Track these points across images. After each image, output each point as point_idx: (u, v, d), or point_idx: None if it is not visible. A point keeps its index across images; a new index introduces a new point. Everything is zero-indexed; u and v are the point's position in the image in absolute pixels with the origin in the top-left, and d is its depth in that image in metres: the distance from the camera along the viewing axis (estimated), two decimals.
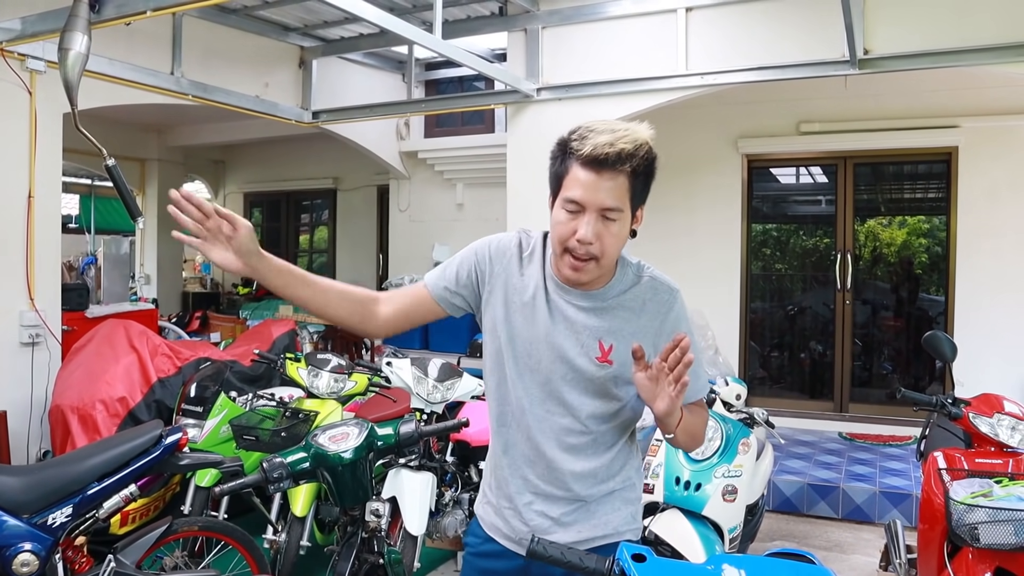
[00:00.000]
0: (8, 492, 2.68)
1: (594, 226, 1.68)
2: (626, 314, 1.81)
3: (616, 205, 1.69)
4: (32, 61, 4.78)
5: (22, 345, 4.84)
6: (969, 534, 2.50)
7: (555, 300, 1.81)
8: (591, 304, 1.80)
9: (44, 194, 4.94)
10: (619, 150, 1.66)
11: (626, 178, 1.69)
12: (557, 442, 1.81)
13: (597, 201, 1.68)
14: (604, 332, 1.79)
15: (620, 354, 1.77)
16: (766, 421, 3.95)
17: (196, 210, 1.62)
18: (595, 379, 1.79)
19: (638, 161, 1.69)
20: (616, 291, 1.82)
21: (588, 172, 1.67)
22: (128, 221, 10.45)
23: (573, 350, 1.79)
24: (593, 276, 1.75)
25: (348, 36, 6.99)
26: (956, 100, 6.59)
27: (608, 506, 1.86)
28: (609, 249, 1.72)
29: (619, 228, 1.73)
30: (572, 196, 1.69)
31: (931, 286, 7.24)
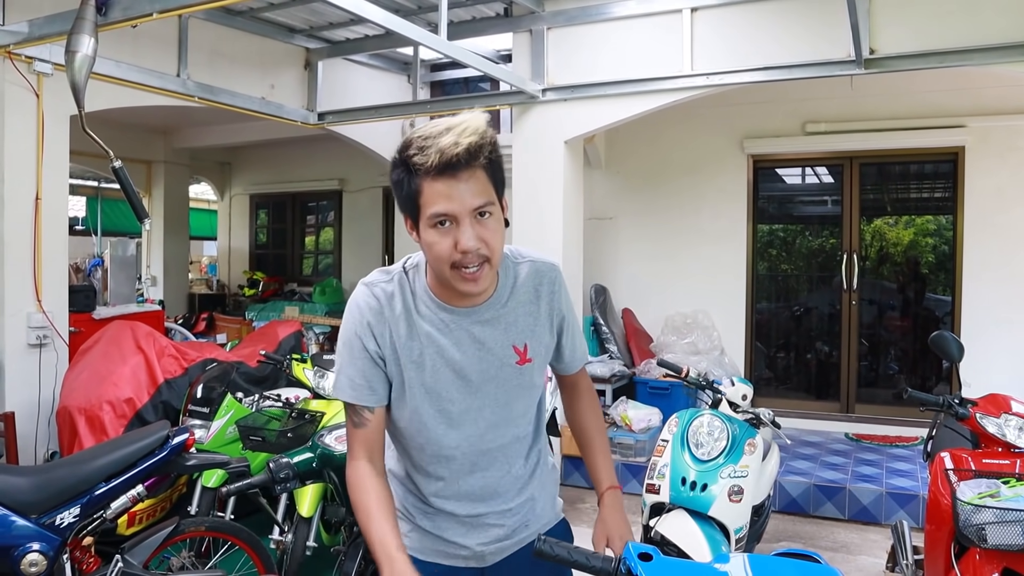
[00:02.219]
0: (16, 492, 2.70)
1: (472, 230, 1.57)
2: (525, 308, 1.78)
3: (485, 200, 1.58)
4: (39, 64, 4.79)
5: (30, 346, 4.86)
6: (976, 535, 2.49)
7: (454, 330, 1.71)
8: (490, 315, 1.73)
9: (51, 196, 4.95)
10: (467, 146, 1.55)
11: (483, 171, 1.58)
12: (506, 456, 1.85)
13: (466, 205, 1.56)
14: (514, 336, 1.76)
15: (534, 348, 1.79)
16: (772, 421, 3.94)
17: None
18: (523, 381, 1.80)
19: (488, 149, 1.59)
20: (506, 293, 1.76)
21: (444, 181, 1.55)
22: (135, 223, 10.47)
23: (493, 367, 1.74)
24: (490, 281, 1.69)
25: (354, 38, 7.00)
26: (963, 100, 6.58)
27: (545, 493, 1.98)
28: (496, 246, 1.62)
29: (496, 222, 1.62)
30: (438, 211, 1.56)
31: (938, 286, 7.22)
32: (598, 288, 7.62)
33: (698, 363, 6.70)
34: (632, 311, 7.80)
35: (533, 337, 1.78)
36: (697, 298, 7.49)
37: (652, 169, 7.79)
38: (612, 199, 7.91)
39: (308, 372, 4.52)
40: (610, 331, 7.37)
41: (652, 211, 7.79)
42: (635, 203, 7.87)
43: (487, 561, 1.89)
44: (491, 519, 1.86)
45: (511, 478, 1.86)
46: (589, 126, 6.23)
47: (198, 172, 11.61)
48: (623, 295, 7.88)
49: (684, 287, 7.57)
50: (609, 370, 6.85)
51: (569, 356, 1.93)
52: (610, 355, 7.25)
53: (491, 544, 1.87)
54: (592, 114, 6.14)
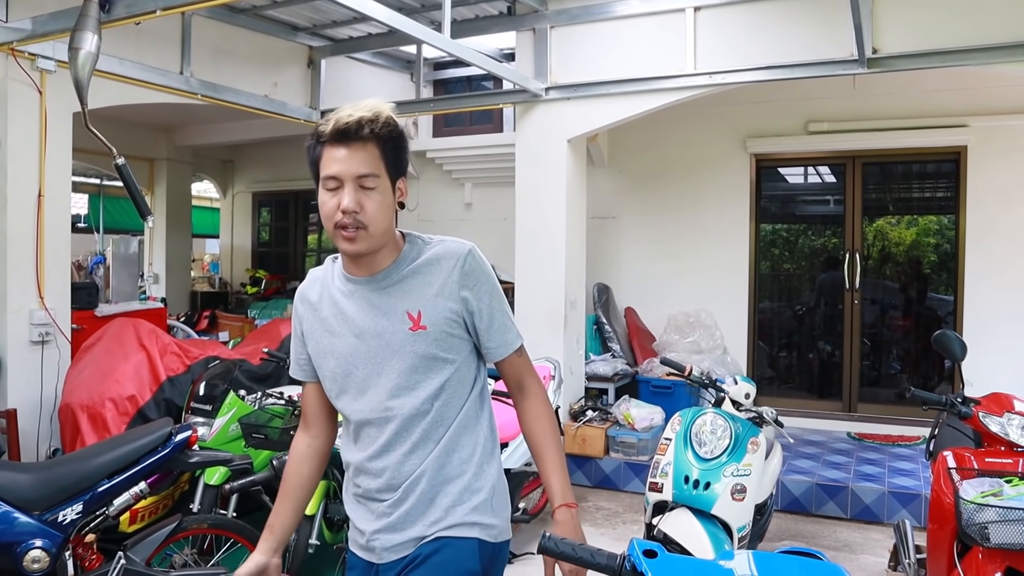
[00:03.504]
0: (19, 489, 2.70)
1: (354, 195, 1.73)
2: (423, 278, 1.83)
3: (370, 171, 1.74)
4: (43, 61, 4.80)
5: (32, 343, 4.86)
6: (979, 534, 2.49)
7: (356, 297, 1.85)
8: (387, 283, 1.83)
9: (54, 193, 4.96)
10: (359, 118, 1.73)
11: (375, 146, 1.75)
12: (408, 432, 1.82)
13: (351, 171, 1.73)
14: (409, 303, 1.81)
15: (429, 317, 1.80)
16: (775, 420, 3.94)
17: None
18: (419, 349, 1.80)
19: (380, 126, 1.75)
20: (406, 261, 1.85)
21: (338, 147, 1.74)
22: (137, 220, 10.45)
23: (388, 332, 1.81)
24: (368, 246, 1.77)
25: (357, 36, 7.00)
26: (965, 99, 6.57)
27: (452, 499, 1.84)
28: (375, 216, 1.75)
29: (381, 196, 1.76)
30: (328, 172, 1.75)
31: (940, 285, 7.22)
32: (601, 287, 7.62)
33: (701, 362, 6.70)
34: (635, 310, 7.80)
35: (428, 305, 1.80)
36: (700, 297, 7.48)
37: (655, 168, 7.79)
38: (615, 198, 7.91)
39: None
40: (613, 330, 7.37)
41: (655, 210, 7.79)
42: (638, 202, 7.87)
43: (378, 556, 1.86)
44: (382, 497, 1.85)
45: (411, 460, 1.82)
46: (592, 125, 6.23)
47: (201, 170, 11.61)
48: (626, 294, 7.88)
49: (687, 286, 7.56)
50: (612, 369, 6.84)
51: (487, 339, 1.87)
52: (613, 354, 7.25)
53: (380, 534, 1.84)
54: (595, 113, 6.14)
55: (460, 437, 1.85)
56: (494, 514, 1.87)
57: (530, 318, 6.03)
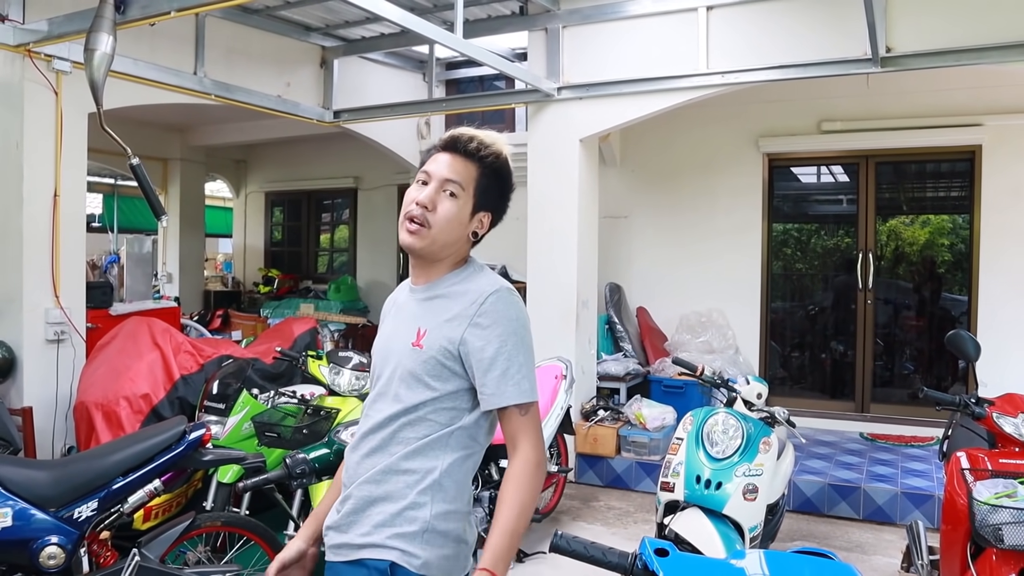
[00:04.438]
0: (35, 486, 2.73)
1: (433, 194, 1.81)
2: (447, 302, 1.83)
3: (457, 179, 1.81)
4: (58, 62, 4.83)
5: (47, 342, 4.90)
6: (993, 535, 2.48)
7: (406, 302, 1.93)
8: (424, 296, 1.88)
9: (69, 193, 5.00)
10: (473, 136, 1.84)
11: (475, 167, 1.83)
12: (377, 435, 1.83)
13: (441, 172, 1.82)
14: (421, 318, 1.84)
15: (430, 338, 1.79)
16: (787, 420, 3.93)
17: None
18: (413, 366, 1.80)
19: (490, 155, 1.84)
20: (448, 283, 1.87)
21: (444, 153, 1.84)
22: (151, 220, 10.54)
23: (399, 339, 1.86)
24: (422, 245, 1.81)
25: (369, 36, 7.02)
26: (980, 98, 6.53)
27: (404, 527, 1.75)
28: (442, 220, 1.80)
29: (455, 207, 1.81)
30: (425, 168, 1.85)
31: (954, 285, 7.17)
32: (613, 286, 7.62)
33: (713, 362, 6.69)
34: (647, 309, 7.79)
35: (433, 328, 1.80)
36: (712, 297, 7.47)
37: (667, 167, 7.78)
38: (627, 197, 7.90)
39: (323, 369, 4.54)
40: (624, 329, 7.36)
41: (667, 209, 7.78)
42: (650, 201, 7.86)
43: (330, 553, 1.85)
44: (344, 494, 1.86)
45: (364, 464, 1.82)
46: (604, 124, 6.23)
47: (214, 170, 11.67)
48: (638, 293, 7.87)
49: (699, 285, 7.55)
50: (624, 368, 6.84)
51: (482, 384, 1.76)
52: (624, 353, 7.24)
53: (328, 530, 1.86)
54: (607, 112, 6.14)
55: (411, 460, 1.77)
56: (415, 543, 1.74)
57: (542, 318, 6.03)
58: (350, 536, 1.79)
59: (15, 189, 4.78)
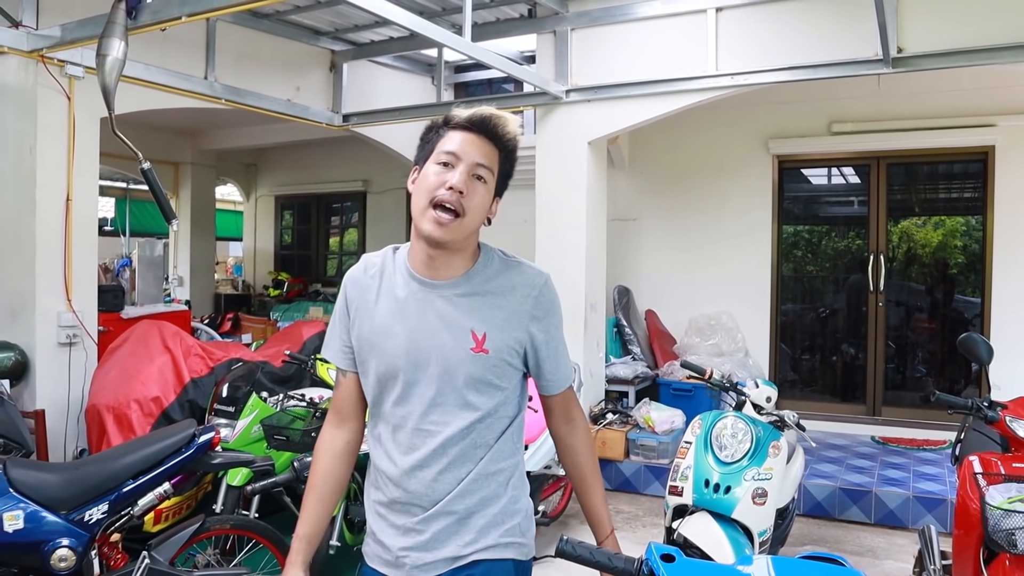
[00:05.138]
0: (47, 489, 2.74)
1: (465, 178, 1.67)
2: (495, 299, 1.74)
3: (488, 164, 1.71)
4: (71, 67, 4.87)
5: (60, 345, 4.94)
6: (1006, 540, 2.46)
7: (420, 300, 1.75)
8: (456, 293, 1.74)
9: (81, 197, 5.03)
10: (500, 117, 1.73)
11: (498, 152, 1.74)
12: (445, 449, 1.74)
13: (473, 155, 1.69)
14: (475, 322, 1.72)
15: (495, 341, 1.72)
16: (797, 424, 3.91)
17: None
18: (477, 372, 1.72)
19: (510, 140, 1.75)
20: (481, 277, 1.76)
21: (467, 132, 1.71)
22: (162, 224, 10.61)
23: (447, 346, 1.72)
24: (454, 237, 1.68)
25: (378, 39, 7.04)
26: (992, 98, 6.48)
27: (489, 521, 1.77)
28: (473, 210, 1.69)
29: (484, 194, 1.72)
30: (451, 148, 1.69)
31: (967, 287, 7.12)
32: (621, 289, 7.60)
33: (722, 365, 6.67)
34: (655, 312, 7.77)
35: (495, 330, 1.72)
36: (721, 299, 7.44)
37: (676, 170, 7.76)
38: (635, 200, 7.88)
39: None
40: (633, 332, 7.34)
41: (676, 212, 7.76)
42: (659, 204, 7.84)
43: (407, 573, 1.76)
44: (412, 512, 1.75)
45: (446, 478, 1.74)
46: (613, 127, 6.22)
47: (224, 173, 11.73)
48: (646, 296, 7.85)
49: (708, 288, 7.52)
50: (632, 371, 6.82)
51: (550, 372, 1.83)
52: (633, 356, 7.23)
53: (411, 551, 1.75)
54: (616, 115, 6.13)
55: (498, 462, 1.78)
56: (523, 535, 1.82)
57: None
58: (449, 550, 1.74)
59: (28, 193, 4.82)
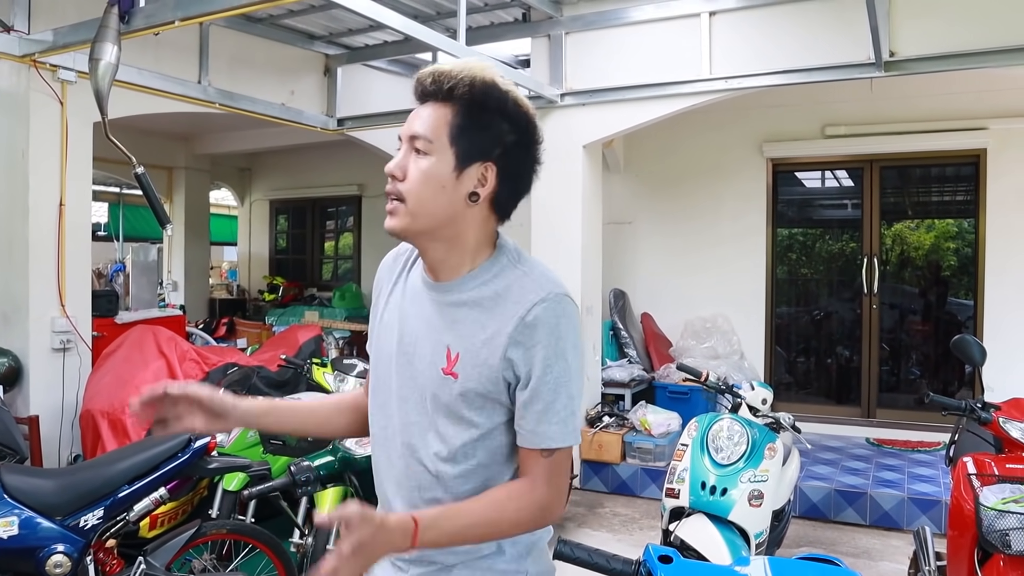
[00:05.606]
0: (42, 494, 2.74)
1: (401, 159, 1.42)
2: (479, 313, 1.42)
3: (424, 133, 1.39)
4: (63, 72, 4.86)
5: (54, 351, 4.92)
6: (1000, 540, 2.47)
7: (421, 299, 1.50)
8: (446, 300, 1.46)
9: (75, 202, 5.01)
10: (435, 70, 1.41)
11: (448, 109, 1.39)
12: (410, 480, 1.48)
13: (407, 129, 1.42)
14: (452, 336, 1.43)
15: (465, 365, 1.40)
16: (792, 426, 3.92)
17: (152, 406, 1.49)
18: (445, 397, 1.42)
19: (460, 86, 1.38)
20: (475, 282, 1.45)
21: (416, 105, 1.45)
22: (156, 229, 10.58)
23: (421, 358, 1.46)
24: (405, 226, 1.41)
25: (373, 44, 7.05)
26: (984, 102, 6.52)
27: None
28: (415, 188, 1.39)
29: (428, 165, 1.39)
30: (399, 133, 1.46)
31: (960, 290, 7.15)
32: (617, 292, 7.61)
33: (717, 367, 6.67)
34: (651, 315, 7.78)
35: (469, 352, 1.40)
36: (716, 302, 7.45)
37: (671, 173, 7.78)
38: (631, 203, 7.90)
39: (328, 376, 4.54)
40: (629, 335, 7.35)
41: (671, 215, 7.77)
42: (654, 207, 7.86)
43: None
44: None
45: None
46: (608, 130, 6.23)
47: (219, 178, 11.71)
48: (642, 299, 7.86)
49: (703, 291, 7.54)
50: (628, 374, 6.83)
51: (519, 415, 1.41)
52: (629, 359, 7.23)
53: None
54: (610, 118, 6.14)
55: None
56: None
57: None
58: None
59: (21, 198, 4.80)
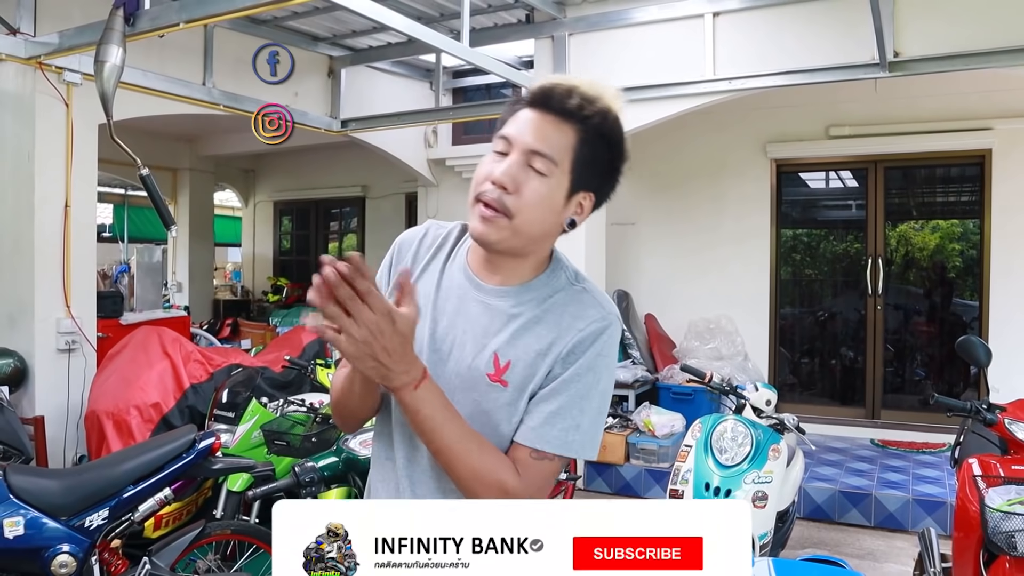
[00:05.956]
0: (47, 495, 2.74)
1: (515, 170, 1.32)
2: (539, 328, 1.38)
3: (547, 152, 1.32)
4: (69, 74, 4.87)
5: (59, 352, 4.93)
6: (1006, 542, 2.46)
7: (464, 297, 1.42)
8: (499, 303, 1.40)
9: (80, 204, 5.03)
10: (573, 87, 1.36)
11: (573, 132, 1.34)
12: (437, 488, 1.39)
13: (526, 140, 1.33)
14: (503, 343, 1.37)
15: (516, 375, 1.36)
16: (797, 427, 3.92)
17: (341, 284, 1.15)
18: (487, 403, 1.36)
19: (594, 115, 1.35)
20: (536, 294, 1.41)
21: (531, 110, 1.35)
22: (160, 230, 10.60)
23: (464, 361, 1.37)
24: (501, 240, 1.34)
25: (376, 45, 7.05)
26: (989, 102, 6.50)
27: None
28: (528, 207, 1.32)
29: (545, 188, 1.33)
30: (505, 132, 1.36)
31: (965, 291, 7.14)
32: (620, 293, 7.61)
33: (721, 368, 6.67)
34: (655, 316, 7.78)
35: (522, 362, 1.36)
36: (720, 303, 7.45)
37: (674, 174, 7.77)
38: (634, 204, 7.89)
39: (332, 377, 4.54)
40: (633, 336, 7.35)
41: (674, 216, 7.77)
42: (657, 208, 7.85)
43: None
44: None
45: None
46: None
47: (223, 179, 11.73)
48: (645, 300, 7.86)
49: (707, 292, 7.53)
50: (632, 375, 6.83)
51: (528, 416, 1.36)
52: (633, 360, 7.23)
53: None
54: None
55: None
56: None
57: None
58: None
59: (26, 200, 4.82)
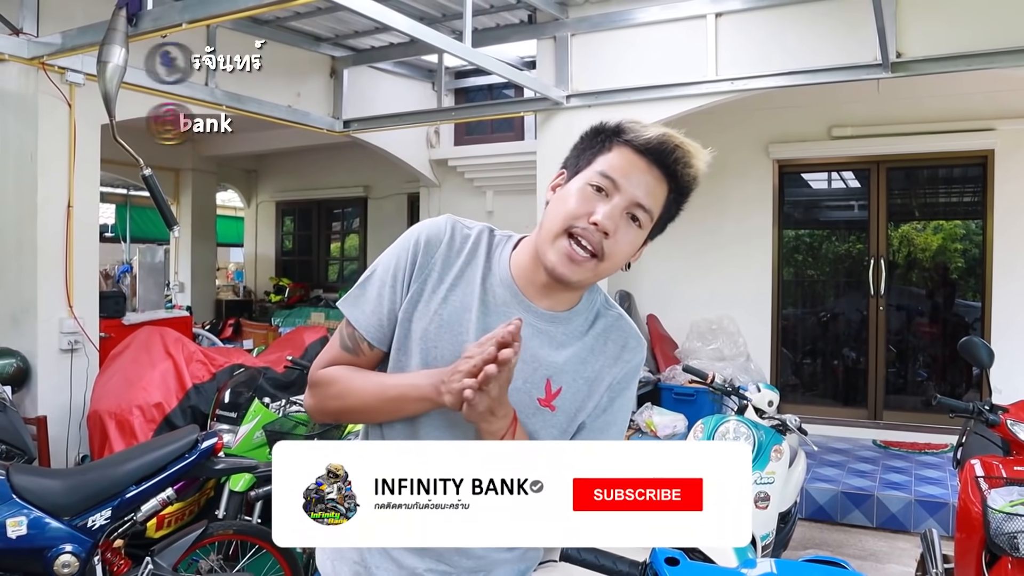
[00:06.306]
0: (50, 495, 2.75)
1: (617, 215, 1.35)
2: (585, 353, 1.43)
3: (650, 209, 1.38)
4: (71, 74, 4.88)
5: (61, 352, 4.94)
6: (1008, 543, 2.46)
7: (508, 313, 1.40)
8: (551, 329, 1.42)
9: (83, 204, 5.04)
10: (682, 146, 1.40)
11: (667, 188, 1.40)
12: None
13: (635, 191, 1.36)
14: (556, 369, 1.40)
15: (566, 401, 1.40)
16: (799, 428, 3.91)
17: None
18: (535, 425, 1.39)
19: (690, 180, 1.43)
20: (581, 320, 1.45)
21: (640, 157, 1.38)
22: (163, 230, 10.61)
23: (515, 381, 1.33)
24: (582, 279, 1.37)
25: (379, 45, 7.06)
26: (992, 102, 6.49)
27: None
28: (618, 255, 1.37)
29: (634, 239, 1.39)
30: (609, 172, 1.36)
31: (967, 291, 7.13)
32: (622, 294, 7.61)
33: (723, 369, 6.66)
34: (657, 317, 7.77)
35: (572, 388, 1.41)
36: (722, 304, 7.44)
37: None
38: None
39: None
40: None
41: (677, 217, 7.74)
42: None
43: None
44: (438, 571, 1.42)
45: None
46: None
47: (225, 180, 11.74)
48: (648, 301, 7.85)
49: (709, 293, 7.52)
50: None
51: (585, 423, 1.45)
52: None
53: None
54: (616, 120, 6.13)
55: None
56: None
57: None
58: None
59: (29, 200, 4.83)
